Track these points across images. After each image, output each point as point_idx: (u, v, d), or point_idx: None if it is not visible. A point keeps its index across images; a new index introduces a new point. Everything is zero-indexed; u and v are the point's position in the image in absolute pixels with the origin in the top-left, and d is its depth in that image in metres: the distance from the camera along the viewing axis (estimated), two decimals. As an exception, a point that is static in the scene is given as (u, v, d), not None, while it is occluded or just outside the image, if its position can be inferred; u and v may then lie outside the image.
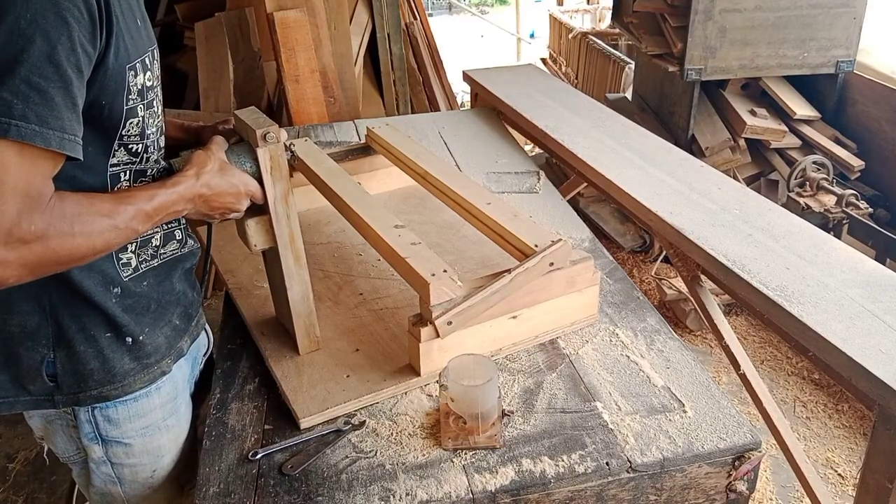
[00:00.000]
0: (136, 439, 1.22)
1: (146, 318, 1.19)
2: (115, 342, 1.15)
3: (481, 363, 1.18)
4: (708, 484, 1.17)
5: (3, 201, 0.88)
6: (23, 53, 0.88)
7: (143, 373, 1.19)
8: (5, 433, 2.74)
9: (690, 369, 1.32)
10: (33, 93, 0.88)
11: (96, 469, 1.24)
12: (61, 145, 0.91)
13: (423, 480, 1.10)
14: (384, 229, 1.36)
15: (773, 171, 3.34)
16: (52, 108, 0.90)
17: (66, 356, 1.12)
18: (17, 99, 0.87)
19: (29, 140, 0.88)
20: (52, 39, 0.89)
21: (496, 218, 1.41)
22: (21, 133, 0.87)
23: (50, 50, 0.89)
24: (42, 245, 0.92)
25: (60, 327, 1.11)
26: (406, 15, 4.07)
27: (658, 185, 1.98)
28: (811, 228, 1.77)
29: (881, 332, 1.37)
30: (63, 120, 0.92)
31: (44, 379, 1.13)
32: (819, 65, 3.23)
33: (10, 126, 0.87)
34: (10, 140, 0.87)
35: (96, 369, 1.14)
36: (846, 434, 2.57)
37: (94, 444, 1.20)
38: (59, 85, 0.91)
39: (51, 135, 0.90)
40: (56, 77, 0.90)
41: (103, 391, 1.16)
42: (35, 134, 0.88)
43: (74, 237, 0.96)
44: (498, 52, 8.80)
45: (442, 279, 1.22)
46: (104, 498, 1.29)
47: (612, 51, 5.21)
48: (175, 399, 1.27)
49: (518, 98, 2.62)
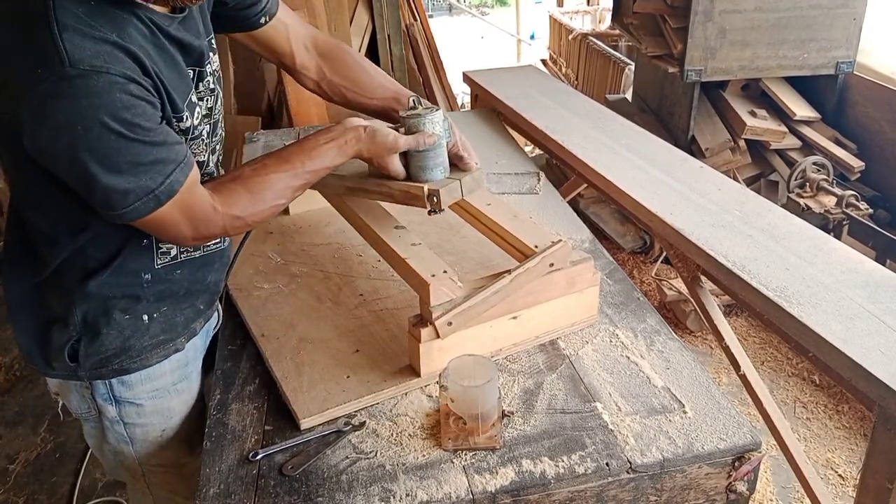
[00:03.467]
0: (147, 401, 1.29)
1: (169, 301, 1.26)
2: (136, 322, 1.22)
3: (481, 364, 1.18)
4: (708, 484, 1.17)
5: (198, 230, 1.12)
6: (121, 155, 0.98)
7: (159, 348, 1.27)
8: (5, 434, 2.74)
9: (690, 370, 1.32)
10: (147, 168, 1.01)
11: (110, 427, 1.30)
12: (185, 173, 1.06)
13: (424, 481, 1.10)
14: (384, 230, 1.36)
15: (773, 172, 3.34)
16: (164, 161, 1.03)
17: (89, 339, 1.20)
18: (142, 180, 1.01)
19: (172, 195, 1.05)
20: (135, 139, 0.99)
21: (496, 219, 1.41)
22: (163, 194, 1.03)
23: (138, 143, 0.99)
24: (243, 223, 1.17)
25: (86, 312, 1.19)
26: (406, 16, 4.07)
27: (658, 185, 1.98)
28: (811, 229, 1.77)
29: (881, 333, 1.37)
30: (172, 157, 1.04)
31: (65, 359, 1.21)
32: (819, 66, 3.23)
33: (154, 195, 1.03)
34: (166, 205, 1.05)
35: (117, 348, 1.22)
36: (846, 435, 2.57)
37: (108, 404, 1.27)
38: (161, 147, 1.02)
39: (177, 173, 1.04)
40: (154, 148, 1.01)
41: (123, 365, 1.24)
42: (171, 185, 1.04)
43: (265, 203, 1.17)
44: (498, 53, 8.80)
45: (442, 280, 1.22)
46: (117, 457, 1.35)
47: (612, 52, 5.21)
48: (186, 366, 1.33)
49: (518, 99, 2.62)
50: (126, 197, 1.01)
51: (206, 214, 1.12)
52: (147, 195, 1.02)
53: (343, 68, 1.43)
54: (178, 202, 1.06)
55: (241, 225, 1.18)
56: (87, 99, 0.93)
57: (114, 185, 0.99)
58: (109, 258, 1.17)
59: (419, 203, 1.28)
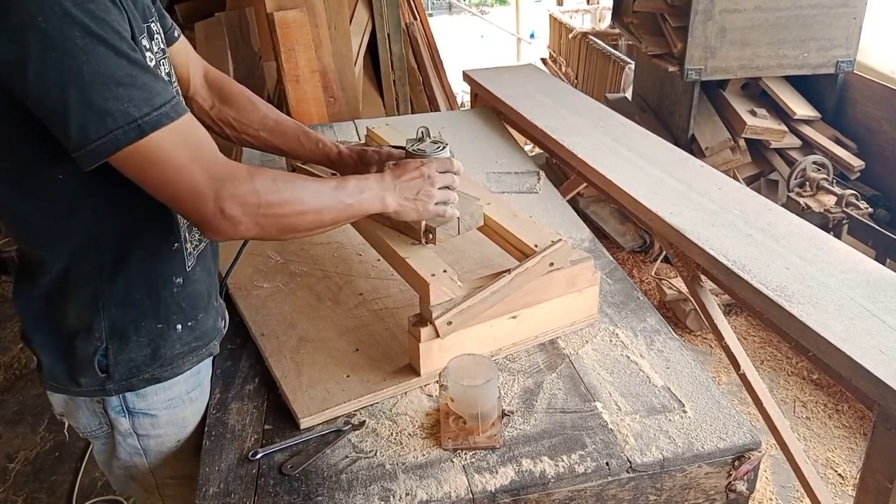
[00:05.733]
0: (162, 411, 1.24)
1: (200, 304, 1.22)
2: (168, 330, 1.17)
3: (481, 363, 1.18)
4: (708, 484, 1.17)
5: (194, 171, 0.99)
6: (91, 65, 0.90)
7: (191, 355, 1.22)
8: (5, 433, 2.74)
9: (690, 369, 1.32)
10: (127, 89, 0.92)
11: (122, 441, 1.25)
12: (178, 112, 0.97)
13: (423, 480, 1.10)
14: (384, 229, 1.36)
15: (773, 172, 3.34)
16: (148, 88, 0.94)
17: (118, 347, 1.14)
18: (123, 103, 0.91)
19: (158, 126, 0.94)
20: (103, 39, 0.91)
21: (496, 218, 1.41)
22: (148, 125, 0.93)
23: (108, 48, 0.91)
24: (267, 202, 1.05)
25: (114, 319, 1.13)
26: (406, 15, 4.07)
27: (658, 185, 1.98)
28: (811, 228, 1.77)
29: (881, 332, 1.37)
30: (159, 90, 0.95)
31: (96, 371, 1.15)
32: (819, 65, 3.23)
33: (137, 124, 0.92)
34: (159, 132, 0.94)
35: (148, 356, 1.17)
36: (846, 434, 2.57)
37: (121, 416, 1.21)
38: (138, 69, 0.93)
39: (167, 108, 0.95)
40: (130, 66, 0.93)
41: (155, 374, 1.18)
42: (159, 117, 0.94)
43: (289, 193, 1.07)
44: (498, 52, 8.80)
45: (442, 279, 1.22)
46: (128, 471, 1.30)
47: (612, 51, 5.21)
48: (199, 373, 1.28)
49: (518, 98, 2.62)
50: (104, 120, 0.90)
51: (227, 164, 1.01)
52: (128, 123, 0.91)
53: (231, 99, 1.42)
54: (177, 131, 0.96)
55: (273, 201, 1.04)
56: None
57: (89, 99, 0.89)
58: (123, 256, 1.10)
59: (415, 235, 1.31)
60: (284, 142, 1.43)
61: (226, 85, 1.43)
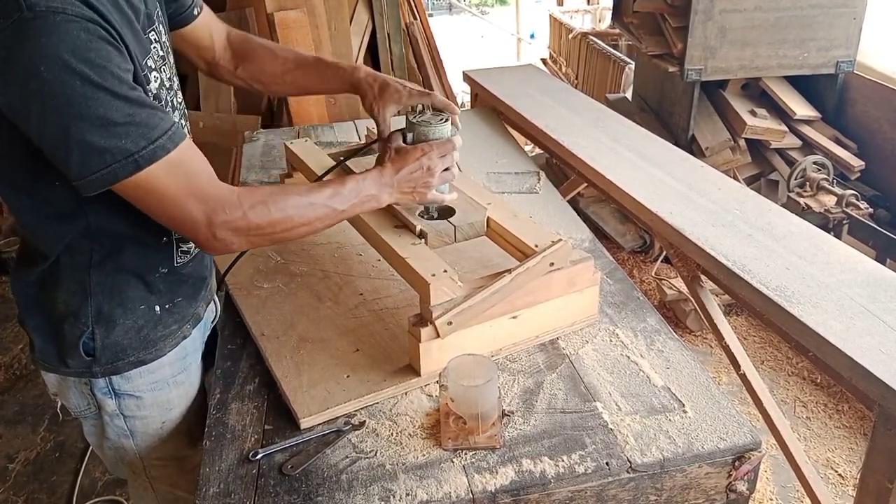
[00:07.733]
0: (147, 393, 1.29)
1: (182, 290, 1.28)
2: (150, 312, 1.23)
3: (481, 363, 1.18)
4: (708, 484, 1.17)
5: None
6: (90, 109, 0.94)
7: (170, 338, 1.28)
8: (5, 433, 2.74)
9: (690, 369, 1.32)
10: (125, 127, 0.96)
11: (110, 422, 1.30)
12: (175, 142, 1.02)
13: (423, 481, 1.10)
14: (384, 229, 1.36)
15: (774, 172, 3.34)
16: (145, 124, 0.99)
17: (104, 332, 1.20)
18: (121, 140, 0.96)
19: (153, 160, 0.99)
20: (102, 85, 0.95)
21: (496, 218, 1.41)
22: (143, 159, 0.98)
23: (107, 93, 0.95)
24: (265, 220, 1.12)
25: (100, 305, 1.18)
26: (406, 15, 4.07)
27: (658, 185, 1.98)
28: (811, 228, 1.77)
29: (881, 332, 1.37)
30: (155, 123, 1.00)
31: (81, 354, 1.20)
32: (819, 65, 3.23)
33: (133, 158, 0.98)
34: (153, 166, 0.99)
35: (133, 339, 1.22)
36: (846, 434, 2.57)
37: (107, 398, 1.27)
38: (136, 107, 0.98)
39: (164, 140, 1.00)
40: (128, 106, 0.97)
41: (139, 356, 1.24)
42: (154, 150, 0.99)
43: (283, 212, 1.13)
44: (498, 52, 8.80)
45: (442, 279, 1.22)
46: (117, 452, 1.35)
47: (612, 51, 5.21)
48: (184, 358, 1.33)
49: (518, 98, 2.62)
50: (103, 157, 0.96)
51: (218, 192, 1.07)
52: (126, 157, 0.97)
53: (252, 56, 1.48)
54: (173, 163, 1.01)
55: (262, 223, 1.11)
56: (47, 37, 0.90)
57: (89, 140, 0.95)
58: (115, 252, 1.16)
59: (411, 230, 1.36)
60: (308, 82, 1.49)
61: (245, 43, 1.49)
